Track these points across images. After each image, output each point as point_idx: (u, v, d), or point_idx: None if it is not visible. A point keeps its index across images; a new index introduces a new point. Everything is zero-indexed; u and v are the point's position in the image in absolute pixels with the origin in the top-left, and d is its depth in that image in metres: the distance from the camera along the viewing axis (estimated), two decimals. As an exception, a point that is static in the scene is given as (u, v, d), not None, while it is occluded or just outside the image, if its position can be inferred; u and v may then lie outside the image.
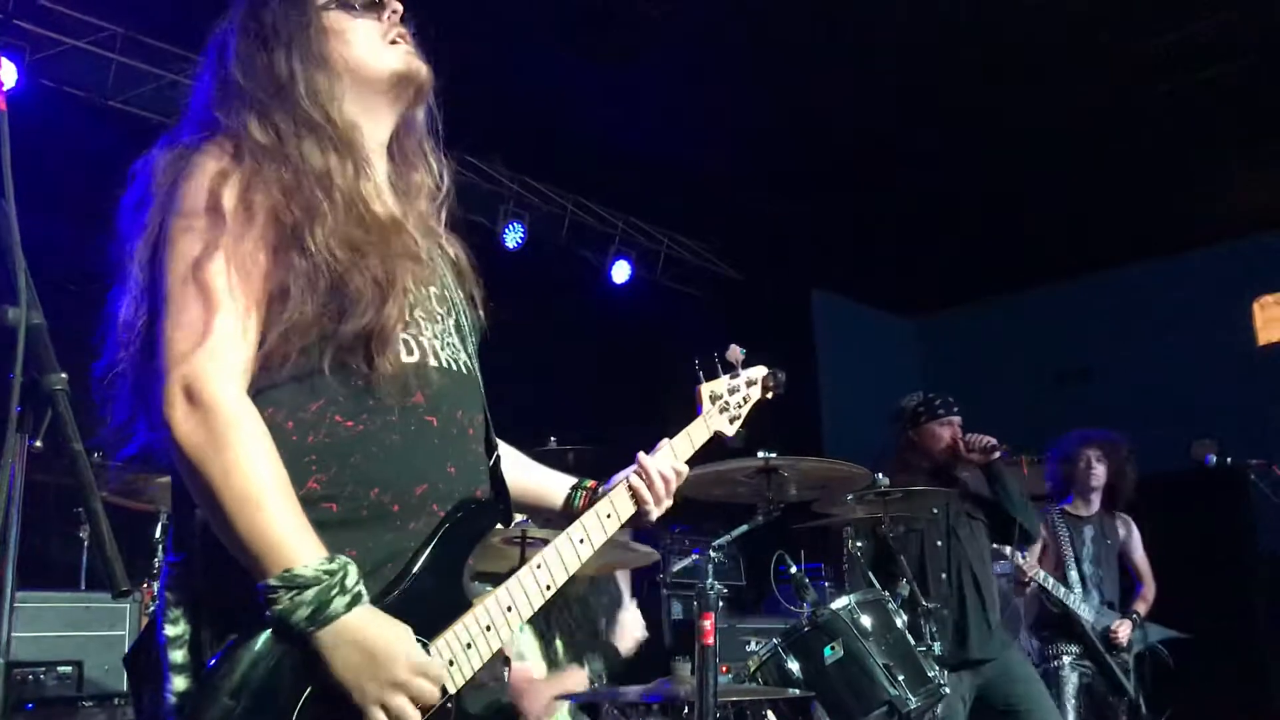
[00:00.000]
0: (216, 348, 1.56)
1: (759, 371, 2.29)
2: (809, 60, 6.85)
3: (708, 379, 2.19)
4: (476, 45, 6.63)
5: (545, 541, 3.17)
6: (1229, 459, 5.88)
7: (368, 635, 1.52)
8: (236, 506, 1.51)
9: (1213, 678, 7.81)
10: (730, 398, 2.20)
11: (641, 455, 1.99)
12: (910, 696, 3.62)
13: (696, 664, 2.98)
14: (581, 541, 1.89)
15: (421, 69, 1.92)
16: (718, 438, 2.17)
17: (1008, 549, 5.12)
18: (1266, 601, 8.56)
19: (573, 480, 2.08)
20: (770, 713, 3.98)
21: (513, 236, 8.08)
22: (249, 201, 1.64)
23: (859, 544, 4.45)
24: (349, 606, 1.52)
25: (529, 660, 3.86)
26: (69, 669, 3.79)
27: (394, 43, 1.88)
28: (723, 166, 8.04)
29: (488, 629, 1.71)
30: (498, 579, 3.37)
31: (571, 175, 8.39)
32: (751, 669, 3.79)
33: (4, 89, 1.75)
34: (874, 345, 10.86)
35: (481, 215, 8.23)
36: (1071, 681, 5.38)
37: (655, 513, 1.96)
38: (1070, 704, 5.34)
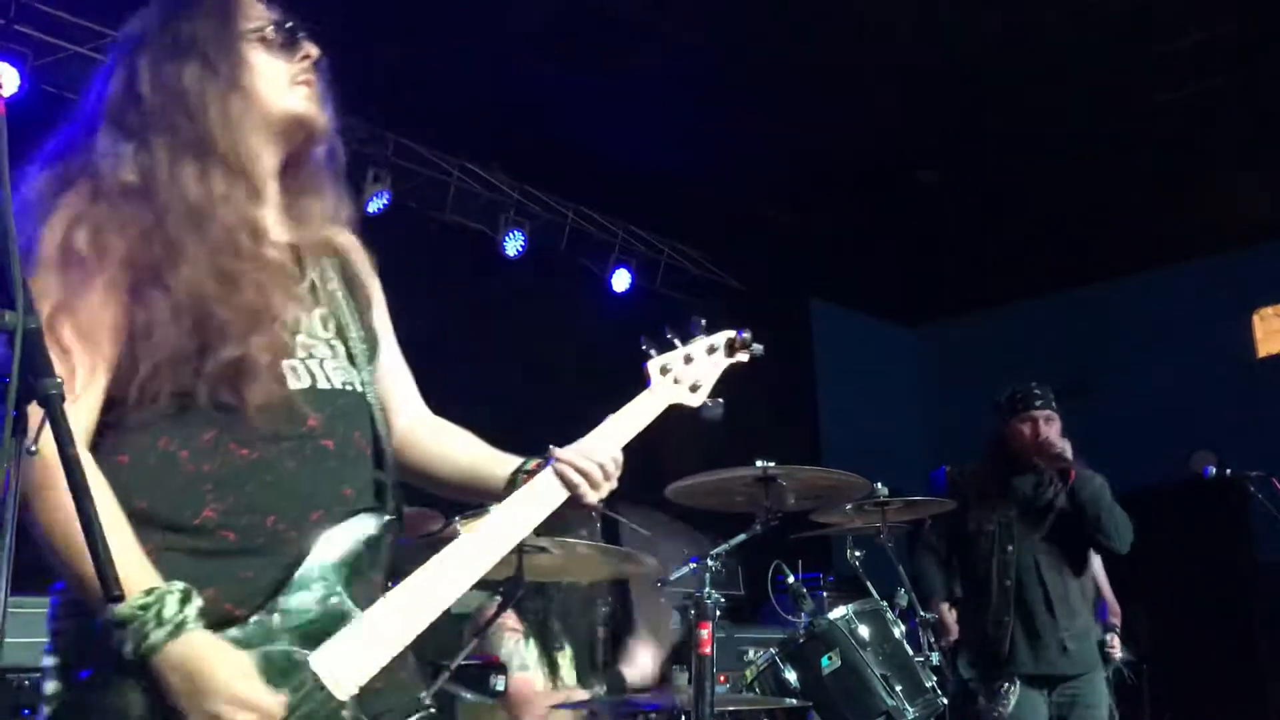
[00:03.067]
0: None
1: (722, 335, 2.18)
2: (810, 70, 6.86)
3: (661, 353, 2.10)
4: (477, 54, 6.64)
5: (542, 550, 3.19)
6: (1228, 470, 5.86)
7: (188, 664, 1.53)
8: (61, 547, 1.58)
9: (1211, 689, 7.81)
10: (686, 368, 2.10)
11: (560, 451, 1.91)
12: (908, 707, 3.61)
13: (693, 673, 2.98)
14: (493, 538, 1.84)
15: (319, 117, 1.91)
16: (680, 410, 2.08)
17: None
18: (1266, 613, 8.56)
19: (517, 461, 1.99)
20: (767, 722, 3.97)
21: (513, 244, 8.09)
22: (102, 247, 1.66)
23: (859, 553, 4.43)
24: (171, 636, 1.53)
25: (530, 671, 3.85)
26: (65, 675, 3.78)
27: (299, 85, 1.89)
28: (723, 175, 8.05)
29: (381, 632, 1.69)
30: (494, 585, 3.37)
31: (572, 184, 8.39)
32: (749, 678, 3.78)
33: (5, 94, 1.76)
34: (873, 354, 10.85)
35: (482, 223, 8.24)
36: None
37: (592, 496, 1.89)
38: None
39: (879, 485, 4.07)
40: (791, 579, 3.93)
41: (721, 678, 4.58)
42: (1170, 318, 9.38)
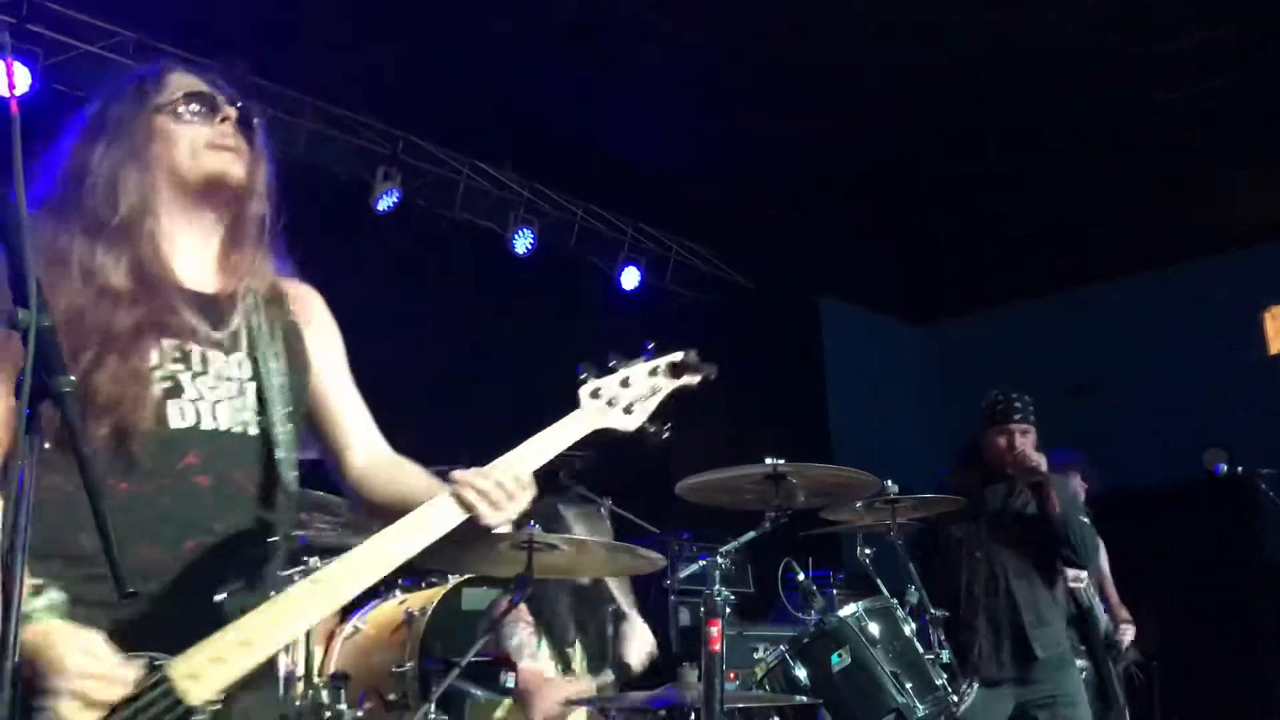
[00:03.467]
0: None
1: (665, 358, 2.16)
2: (818, 67, 6.86)
3: (599, 378, 2.10)
4: (487, 54, 6.65)
5: (553, 547, 3.20)
6: (1239, 468, 5.85)
7: (37, 651, 1.63)
8: None
9: (1219, 686, 7.79)
10: (622, 390, 2.09)
11: (457, 473, 1.94)
12: (918, 704, 3.62)
13: (703, 670, 2.98)
14: (377, 556, 1.87)
15: (233, 174, 2.03)
16: (613, 434, 2.09)
17: None
18: (1276, 612, 8.54)
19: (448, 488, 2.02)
20: (777, 719, 3.98)
21: (522, 243, 8.10)
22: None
23: (868, 550, 4.42)
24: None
25: (540, 661, 3.86)
26: (76, 672, 3.80)
27: (218, 148, 2.02)
28: (732, 173, 8.05)
29: (244, 643, 1.74)
30: (505, 584, 3.38)
31: (581, 181, 8.40)
32: (759, 676, 3.79)
33: (16, 93, 1.78)
34: (882, 353, 10.84)
35: (492, 221, 8.25)
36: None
37: (492, 518, 1.91)
38: None
39: (889, 483, 4.06)
40: (802, 576, 3.93)
41: (731, 675, 4.59)
42: (1179, 316, 9.36)
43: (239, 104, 2.09)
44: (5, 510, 1.55)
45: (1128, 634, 5.51)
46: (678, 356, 2.16)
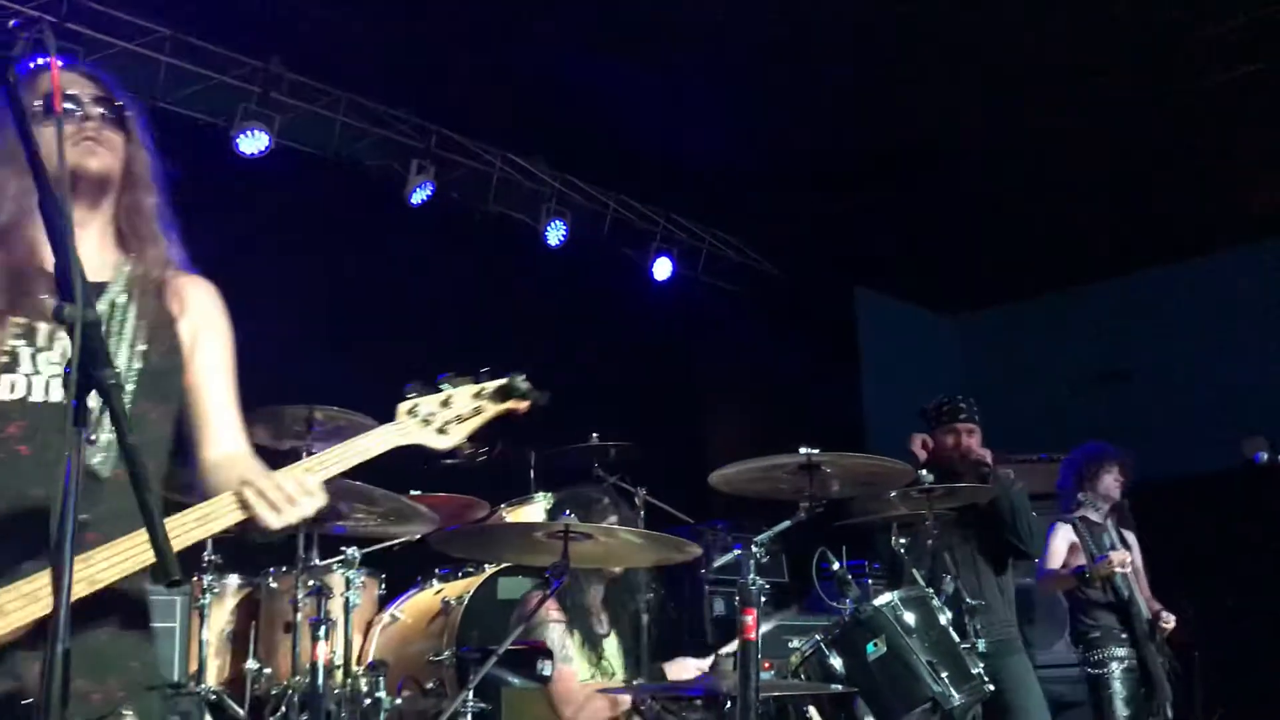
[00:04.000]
0: None
1: (492, 383, 2.18)
2: (852, 57, 6.83)
3: (421, 395, 2.13)
4: (519, 47, 6.68)
5: (587, 536, 3.23)
6: (1280, 455, 5.78)
7: None
8: None
9: (1260, 675, 7.71)
10: (440, 410, 2.12)
11: (249, 473, 1.98)
12: (954, 693, 3.61)
13: (738, 659, 2.99)
14: (145, 544, 1.87)
15: (90, 165, 2.12)
16: (425, 450, 2.11)
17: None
18: (1318, 601, 8.43)
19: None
20: (813, 709, 3.98)
21: (555, 234, 8.13)
22: None
23: (902, 541, 4.41)
24: None
25: (574, 663, 3.88)
26: (122, 660, 3.86)
27: (76, 142, 2.10)
28: (764, 163, 8.04)
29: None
30: (539, 572, 3.40)
31: (613, 173, 8.42)
32: (794, 665, 3.79)
33: (61, 93, 1.82)
34: (916, 343, 10.81)
35: (524, 213, 8.29)
36: (1122, 688, 5.28)
37: (272, 520, 1.93)
38: (1122, 715, 5.24)
39: (923, 472, 4.06)
40: (836, 565, 3.93)
41: (766, 664, 4.60)
42: (1215, 303, 9.26)
43: (109, 99, 2.20)
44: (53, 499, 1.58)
45: (1169, 623, 5.47)
46: (504, 381, 2.19)
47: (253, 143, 6.64)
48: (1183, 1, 6.24)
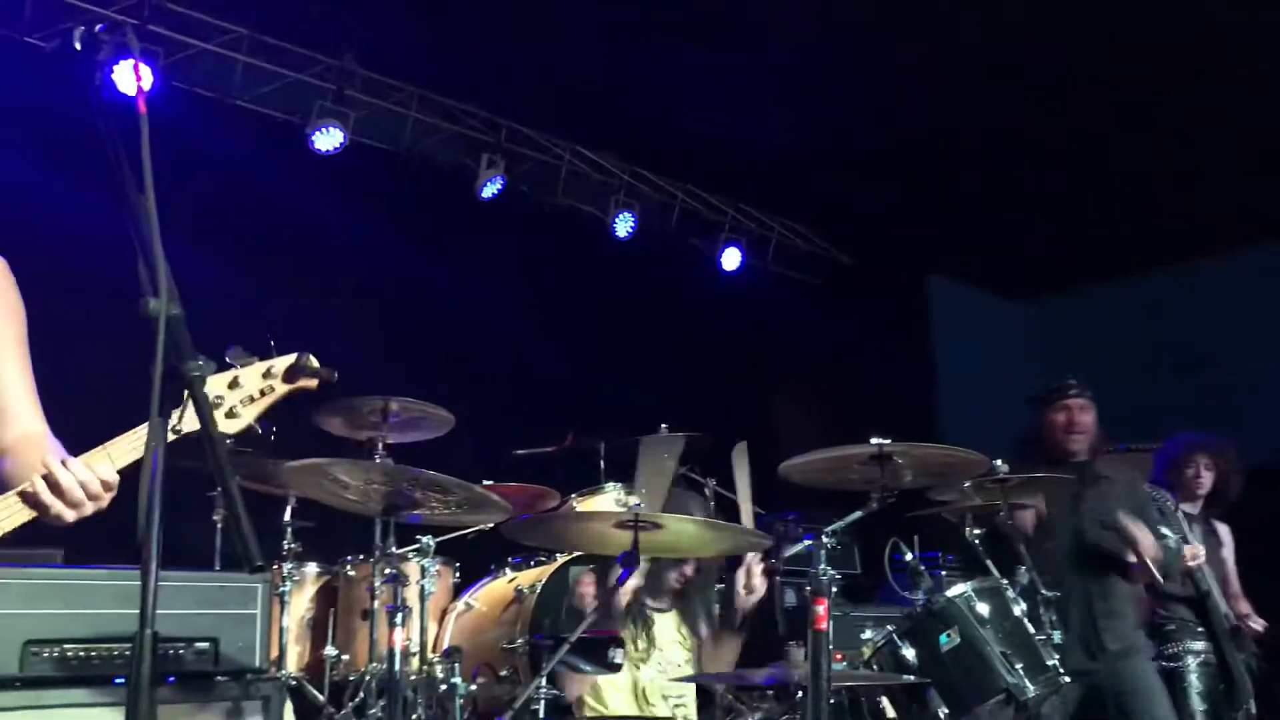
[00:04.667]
0: None
1: (281, 361, 2.08)
2: (923, 39, 6.75)
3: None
4: (587, 39, 6.70)
5: (657, 525, 3.24)
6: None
7: None
8: None
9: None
10: (229, 393, 2.03)
11: (50, 460, 1.92)
12: (1028, 685, 3.57)
13: (810, 649, 2.99)
14: None
15: None
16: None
17: None
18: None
19: None
20: (886, 700, 3.96)
21: (623, 226, 8.16)
22: None
23: (977, 531, 4.35)
24: None
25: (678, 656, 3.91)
26: (206, 645, 3.94)
27: None
28: (833, 150, 7.97)
29: None
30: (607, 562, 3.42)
31: (681, 163, 8.42)
32: (866, 656, 3.78)
33: (144, 92, 1.87)
34: (991, 330, 10.65)
35: (593, 206, 8.33)
36: (1197, 681, 5.16)
37: (69, 516, 1.89)
38: (1199, 710, 5.13)
39: (998, 462, 4.00)
40: (909, 556, 3.90)
41: (838, 656, 4.58)
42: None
43: None
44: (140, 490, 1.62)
45: (1255, 624, 5.33)
46: (292, 359, 2.09)
47: (328, 139, 6.76)
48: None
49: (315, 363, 2.08)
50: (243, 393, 2.04)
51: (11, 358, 2.13)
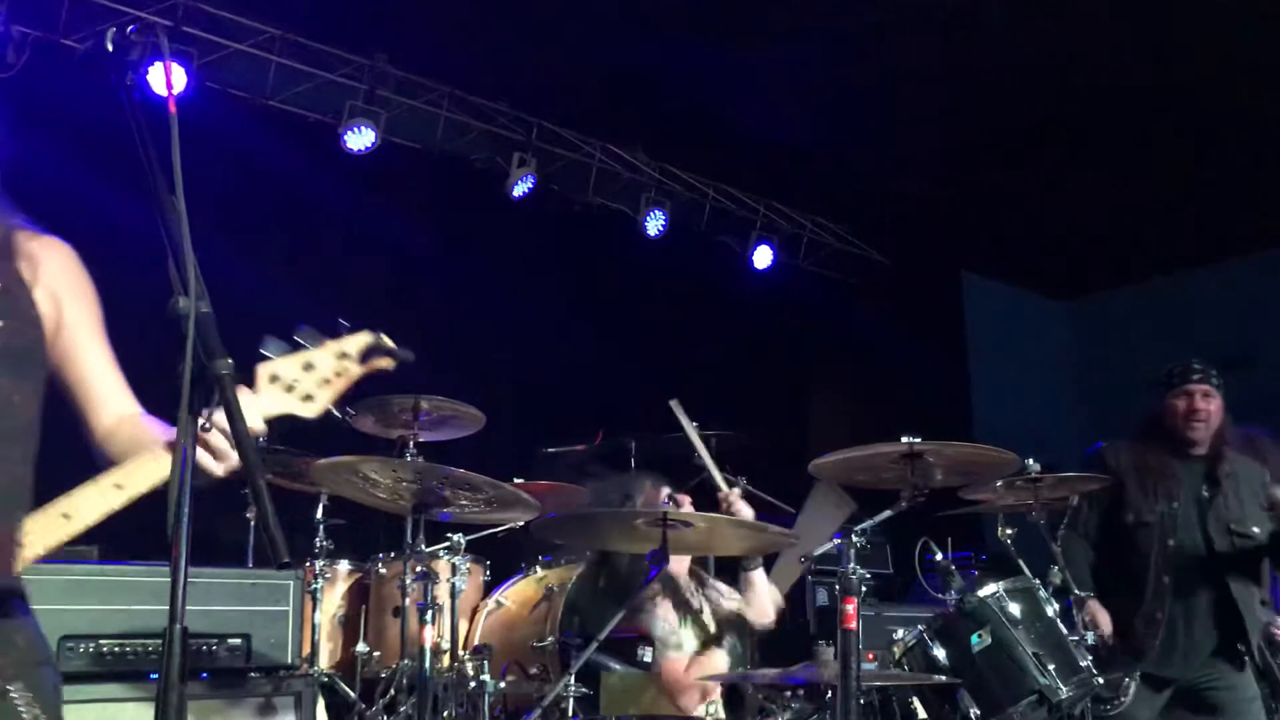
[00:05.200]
0: None
1: (355, 341, 2.03)
2: (955, 37, 6.69)
3: (281, 355, 1.99)
4: (617, 37, 6.70)
5: (687, 524, 3.24)
6: None
7: None
8: None
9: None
10: (304, 375, 1.98)
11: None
12: (1060, 686, 3.53)
13: (839, 648, 2.98)
14: (78, 509, 1.85)
15: None
16: (290, 420, 1.99)
17: None
18: None
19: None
20: (917, 700, 3.94)
21: (654, 224, 8.15)
22: None
23: (1009, 531, 4.30)
24: None
25: (684, 651, 3.89)
26: (238, 641, 3.99)
27: None
28: (866, 148, 7.93)
29: None
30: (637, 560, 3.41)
31: (712, 161, 8.40)
32: (897, 655, 3.76)
33: (175, 93, 1.88)
34: (1026, 329, 10.56)
35: (624, 204, 8.33)
36: None
37: (218, 469, 1.85)
38: None
39: (1029, 461, 3.95)
40: (940, 556, 3.88)
41: (869, 655, 4.56)
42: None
43: None
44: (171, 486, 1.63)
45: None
46: (368, 338, 2.04)
47: (360, 139, 6.80)
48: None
49: (390, 342, 2.04)
50: (317, 375, 1.99)
51: (95, 342, 2.11)
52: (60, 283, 2.06)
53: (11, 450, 1.92)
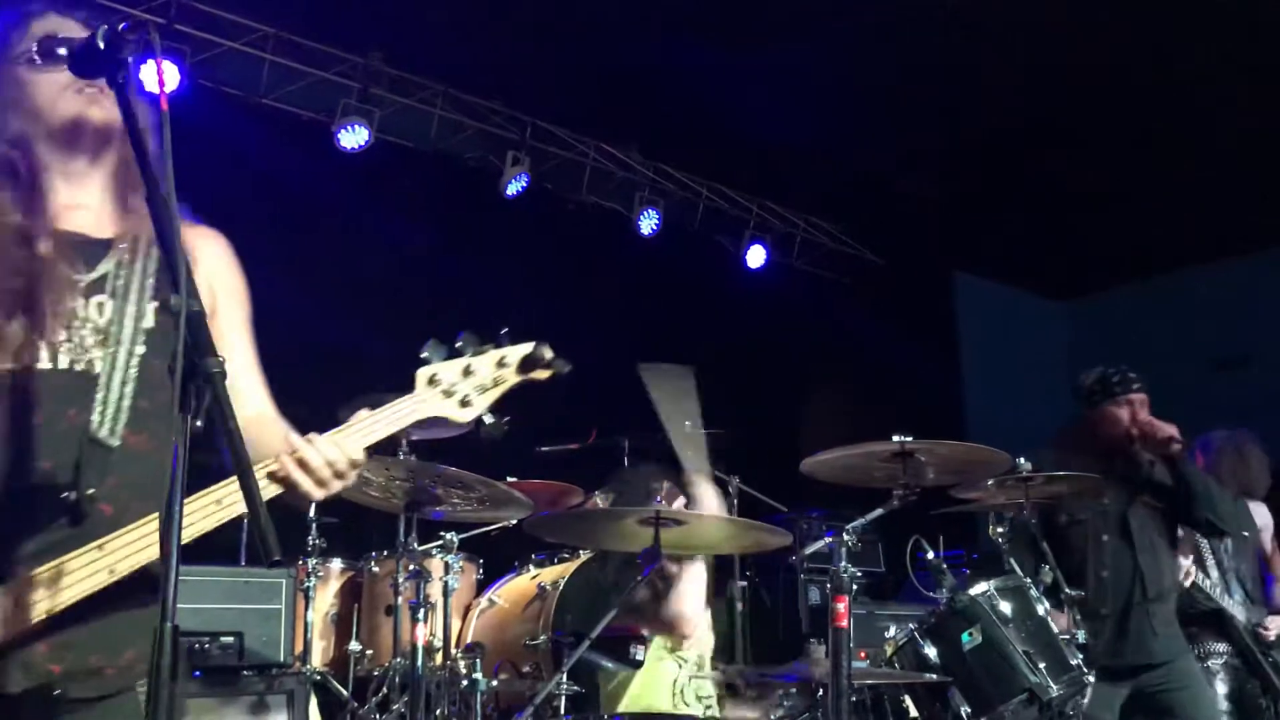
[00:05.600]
0: None
1: (516, 351, 2.05)
2: (950, 37, 6.71)
3: (441, 360, 2.00)
4: (611, 37, 6.70)
5: (679, 522, 3.24)
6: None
7: None
8: None
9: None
10: (463, 381, 1.99)
11: (295, 438, 1.88)
12: (1051, 684, 3.54)
13: (830, 646, 2.99)
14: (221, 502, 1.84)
15: (92, 115, 2.01)
16: (444, 424, 1.99)
17: None
18: None
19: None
20: (909, 698, 3.95)
21: (648, 223, 8.16)
22: None
23: (1000, 530, 4.32)
24: None
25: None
26: (231, 639, 3.99)
27: (79, 92, 2.00)
28: (859, 147, 7.95)
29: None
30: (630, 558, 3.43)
31: (706, 160, 8.41)
32: (888, 654, 3.77)
33: (167, 91, 1.88)
34: (1020, 329, 10.58)
35: (617, 203, 8.33)
36: (1222, 683, 5.11)
37: (317, 494, 1.85)
38: (1223, 707, 5.08)
39: (1020, 460, 3.97)
40: (931, 555, 3.89)
41: (861, 654, 4.57)
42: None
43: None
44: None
45: (1275, 625, 5.27)
46: (528, 349, 2.07)
47: (353, 137, 6.80)
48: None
49: (549, 354, 2.07)
50: (476, 381, 2.00)
51: (240, 335, 2.12)
52: (215, 274, 2.10)
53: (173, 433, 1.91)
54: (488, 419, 2.03)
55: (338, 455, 1.87)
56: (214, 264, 2.11)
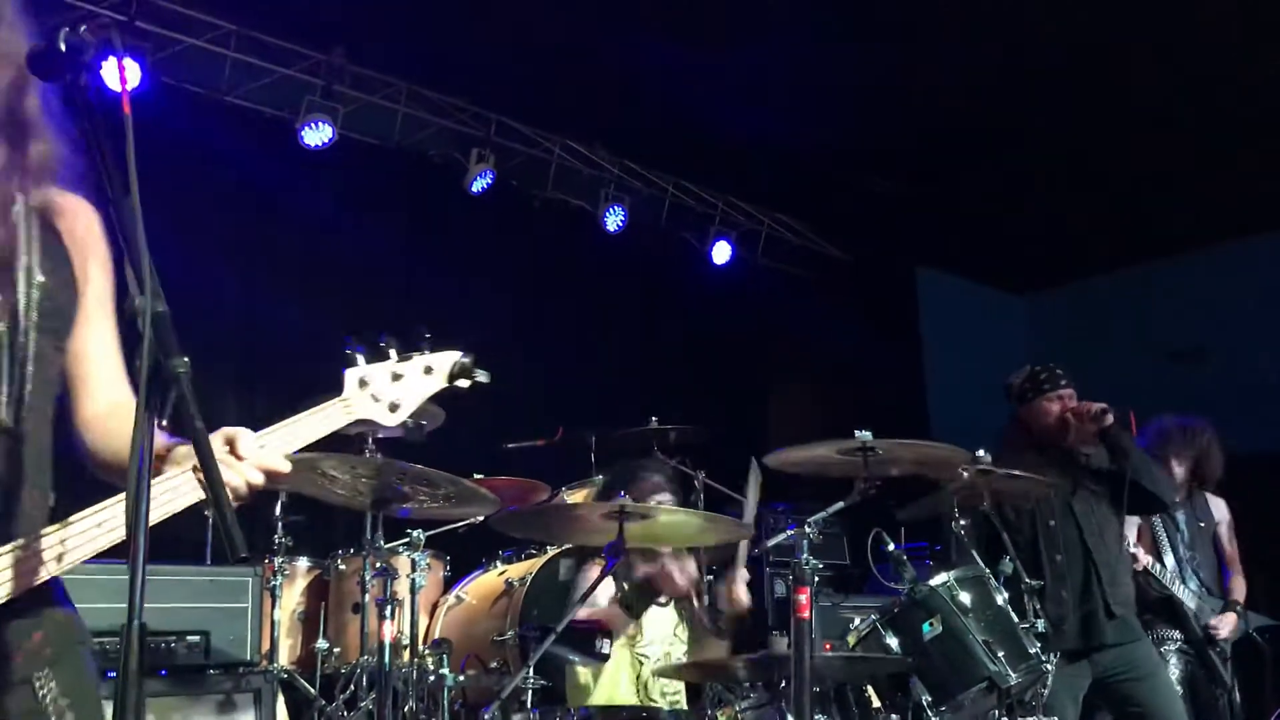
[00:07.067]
0: None
1: (442, 359, 2.09)
2: (911, 33, 6.77)
3: (369, 363, 2.01)
4: (576, 33, 6.71)
5: (645, 516, 3.27)
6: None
7: None
8: None
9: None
10: (391, 385, 2.01)
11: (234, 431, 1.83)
12: (1010, 672, 3.60)
13: (792, 637, 3.03)
14: (103, 525, 1.77)
15: None
16: (370, 426, 2.04)
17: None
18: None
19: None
20: (870, 688, 4.00)
21: (614, 220, 8.18)
22: None
23: (963, 521, 4.38)
24: None
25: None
26: (197, 638, 3.99)
27: None
28: (823, 144, 8.00)
29: None
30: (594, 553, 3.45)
31: (671, 157, 8.44)
32: (850, 644, 3.82)
33: (129, 90, 1.86)
34: (982, 323, 10.67)
35: (583, 199, 8.35)
36: (1176, 669, 5.21)
37: (243, 487, 1.80)
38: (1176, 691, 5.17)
39: (980, 452, 4.03)
40: (892, 547, 3.94)
41: (827, 645, 4.62)
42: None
43: None
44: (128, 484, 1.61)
45: (1224, 625, 5.37)
46: (454, 358, 2.11)
47: (317, 135, 6.77)
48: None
49: (471, 364, 2.12)
50: (403, 387, 2.02)
51: (102, 315, 1.95)
52: (88, 246, 1.95)
53: (50, 413, 1.84)
54: (410, 423, 2.12)
55: (265, 460, 1.83)
56: (86, 234, 1.95)
